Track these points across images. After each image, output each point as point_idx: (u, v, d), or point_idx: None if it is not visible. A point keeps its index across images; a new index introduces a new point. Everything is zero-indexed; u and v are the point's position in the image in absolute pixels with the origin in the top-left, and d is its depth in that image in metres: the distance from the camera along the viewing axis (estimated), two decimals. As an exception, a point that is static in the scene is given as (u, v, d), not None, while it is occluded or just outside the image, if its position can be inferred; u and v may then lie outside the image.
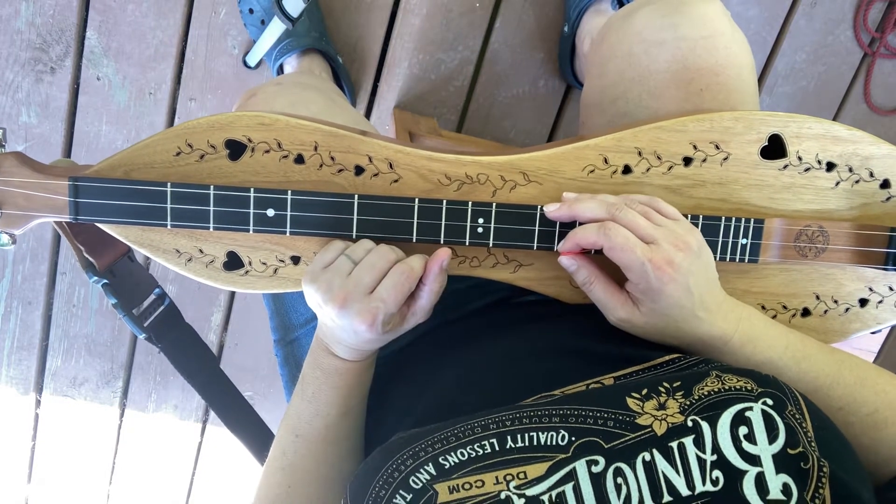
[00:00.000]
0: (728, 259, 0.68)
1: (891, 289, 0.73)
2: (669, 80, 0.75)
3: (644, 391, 0.50)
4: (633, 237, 0.59)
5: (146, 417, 1.64)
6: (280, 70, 1.27)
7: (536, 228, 0.66)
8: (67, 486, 1.69)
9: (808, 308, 0.72)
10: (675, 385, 0.50)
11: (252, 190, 0.63)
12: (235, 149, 0.65)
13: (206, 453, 1.70)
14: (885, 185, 0.70)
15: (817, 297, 0.72)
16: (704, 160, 0.68)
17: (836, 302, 0.72)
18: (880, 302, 0.73)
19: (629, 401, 0.50)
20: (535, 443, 0.49)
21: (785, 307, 0.72)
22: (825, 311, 0.72)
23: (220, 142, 0.65)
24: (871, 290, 0.72)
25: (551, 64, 1.39)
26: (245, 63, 1.32)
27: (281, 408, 1.72)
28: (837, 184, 0.70)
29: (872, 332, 0.74)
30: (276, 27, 1.21)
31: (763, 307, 0.72)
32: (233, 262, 0.68)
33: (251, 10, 1.26)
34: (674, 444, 0.47)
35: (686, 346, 0.63)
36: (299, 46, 1.23)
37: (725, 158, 0.68)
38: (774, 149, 0.69)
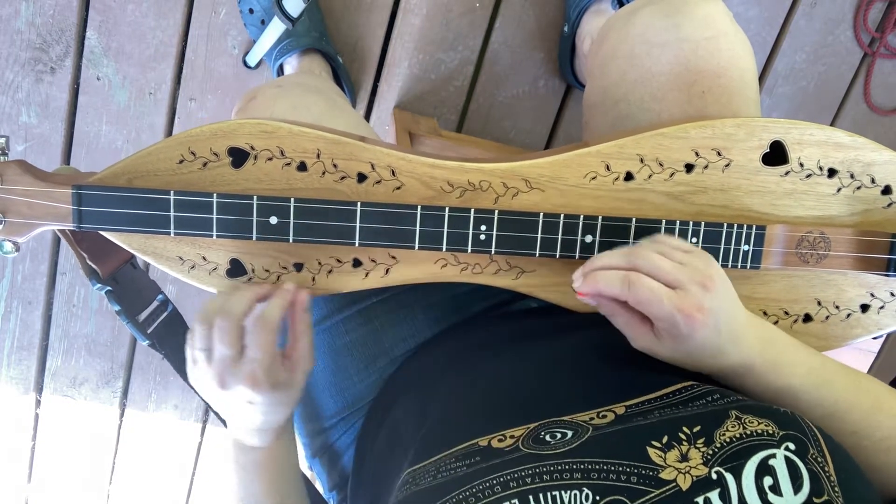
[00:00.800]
0: (730, 266, 0.68)
1: (892, 294, 0.73)
2: (671, 83, 0.75)
3: (665, 439, 0.48)
4: (658, 286, 0.56)
5: (146, 417, 1.64)
6: (280, 70, 1.27)
7: (539, 236, 0.66)
8: (67, 486, 1.70)
9: (809, 314, 0.72)
10: (695, 430, 0.48)
11: (255, 198, 0.63)
12: (238, 156, 0.65)
13: (206, 453, 1.70)
14: (887, 191, 0.70)
15: (819, 303, 0.72)
16: (706, 167, 0.68)
17: (837, 307, 0.72)
18: (882, 307, 0.73)
19: (651, 451, 0.48)
20: None
21: (787, 313, 0.72)
22: (827, 317, 0.73)
23: (222, 150, 0.65)
24: (872, 295, 0.73)
25: (551, 64, 1.39)
26: (245, 63, 1.32)
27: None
28: (839, 190, 0.70)
29: (874, 338, 0.74)
30: (276, 27, 1.21)
31: (765, 313, 0.72)
32: (236, 270, 0.68)
33: (251, 10, 1.25)
34: (700, 500, 0.45)
35: (707, 374, 0.61)
36: (299, 46, 1.23)
37: (727, 165, 0.68)
38: (776, 155, 0.69)
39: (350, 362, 0.80)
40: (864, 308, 0.73)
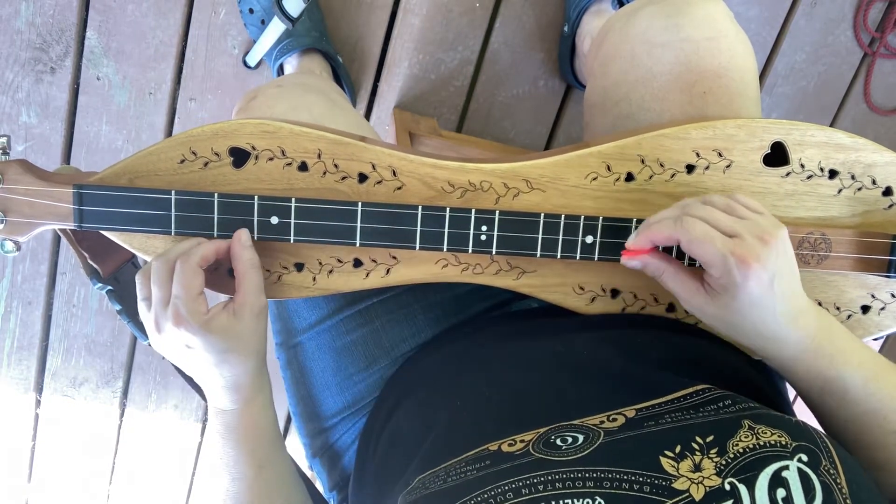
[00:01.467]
0: (731, 266, 0.68)
1: (893, 296, 0.73)
2: (672, 83, 0.75)
3: (678, 448, 0.48)
4: (713, 230, 0.57)
5: (146, 417, 1.64)
6: (280, 70, 1.27)
7: (540, 236, 0.66)
8: (67, 486, 1.70)
9: (810, 314, 0.72)
10: (708, 440, 0.48)
11: (256, 197, 0.63)
12: (239, 156, 0.65)
13: (206, 453, 1.70)
14: (888, 192, 0.70)
15: (819, 304, 0.72)
16: (707, 168, 0.68)
17: (838, 309, 0.72)
18: (882, 309, 0.73)
19: (663, 461, 0.47)
20: None
21: (787, 314, 0.72)
22: (827, 318, 0.72)
23: (223, 149, 0.65)
24: (873, 296, 0.73)
25: (551, 64, 1.39)
26: (245, 63, 1.32)
27: (282, 410, 1.72)
28: (840, 191, 0.70)
29: (874, 339, 0.74)
30: (276, 27, 1.21)
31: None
32: (236, 269, 0.68)
33: (251, 10, 1.25)
34: None
35: (754, 350, 0.60)
36: (299, 46, 1.23)
37: (728, 166, 0.68)
38: (777, 156, 0.69)
39: (351, 362, 0.80)
40: (865, 309, 0.73)
